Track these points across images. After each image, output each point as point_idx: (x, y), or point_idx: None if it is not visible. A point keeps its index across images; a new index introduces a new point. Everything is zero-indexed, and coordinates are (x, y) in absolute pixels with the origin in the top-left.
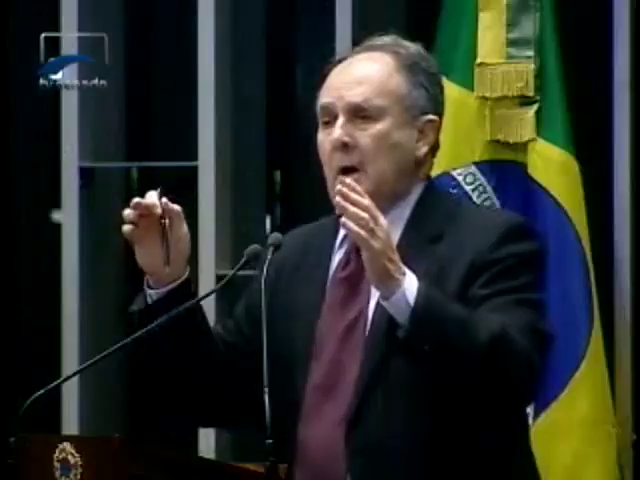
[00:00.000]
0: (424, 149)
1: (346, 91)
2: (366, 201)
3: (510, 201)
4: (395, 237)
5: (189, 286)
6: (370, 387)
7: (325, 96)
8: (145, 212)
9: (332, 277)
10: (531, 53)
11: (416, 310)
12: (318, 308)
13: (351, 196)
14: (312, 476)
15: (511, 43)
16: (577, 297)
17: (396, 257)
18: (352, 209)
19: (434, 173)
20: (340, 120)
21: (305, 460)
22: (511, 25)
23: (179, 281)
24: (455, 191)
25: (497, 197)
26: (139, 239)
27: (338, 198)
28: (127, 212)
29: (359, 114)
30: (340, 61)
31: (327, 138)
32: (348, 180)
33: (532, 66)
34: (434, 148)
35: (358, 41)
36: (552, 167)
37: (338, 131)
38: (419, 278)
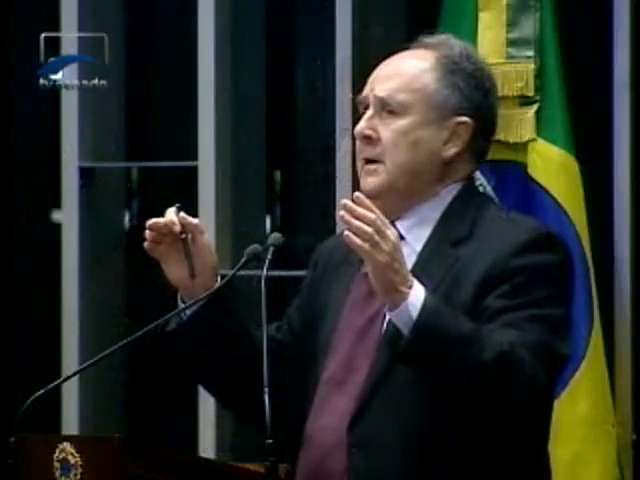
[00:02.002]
0: (453, 150)
1: (377, 85)
2: (372, 215)
3: (510, 201)
4: (423, 236)
5: (222, 294)
6: (378, 385)
7: (365, 88)
8: (164, 230)
9: (358, 273)
10: (531, 53)
11: (418, 324)
12: (343, 304)
13: (357, 210)
14: (313, 467)
15: (511, 43)
16: (577, 297)
17: (403, 269)
18: (355, 223)
19: None
20: (368, 113)
21: (308, 450)
22: (511, 25)
23: (209, 292)
24: None
25: (497, 197)
26: (163, 255)
27: (342, 212)
28: (147, 233)
29: (385, 108)
30: (392, 54)
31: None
32: (357, 194)
33: (532, 66)
34: (474, 151)
35: (358, 41)
36: (552, 167)
37: (362, 123)
38: (436, 281)
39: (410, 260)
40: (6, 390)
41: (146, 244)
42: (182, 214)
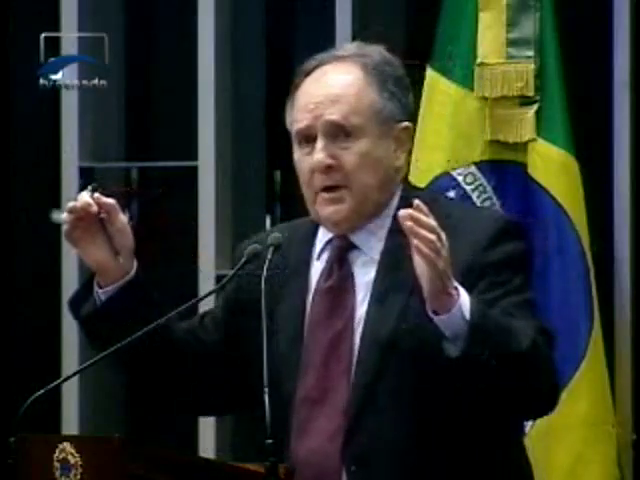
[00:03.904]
0: (402, 157)
1: (322, 110)
2: (432, 222)
3: (510, 201)
4: (379, 245)
5: (140, 279)
6: (365, 399)
7: (301, 119)
8: (82, 214)
9: (315, 288)
10: (531, 53)
11: (473, 324)
12: (302, 320)
13: (422, 219)
14: None
15: (511, 43)
16: (577, 297)
17: (451, 273)
18: (423, 233)
19: (434, 173)
20: (320, 142)
21: (300, 474)
22: (511, 25)
23: (130, 275)
24: (455, 191)
25: (497, 197)
26: (79, 240)
27: (409, 223)
28: (64, 217)
29: (339, 132)
30: (307, 74)
31: (306, 159)
32: (417, 202)
33: (532, 66)
34: (409, 149)
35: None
36: (552, 167)
37: (320, 154)
38: (409, 288)
39: (371, 269)
40: (6, 390)
41: (65, 227)
42: (97, 194)
